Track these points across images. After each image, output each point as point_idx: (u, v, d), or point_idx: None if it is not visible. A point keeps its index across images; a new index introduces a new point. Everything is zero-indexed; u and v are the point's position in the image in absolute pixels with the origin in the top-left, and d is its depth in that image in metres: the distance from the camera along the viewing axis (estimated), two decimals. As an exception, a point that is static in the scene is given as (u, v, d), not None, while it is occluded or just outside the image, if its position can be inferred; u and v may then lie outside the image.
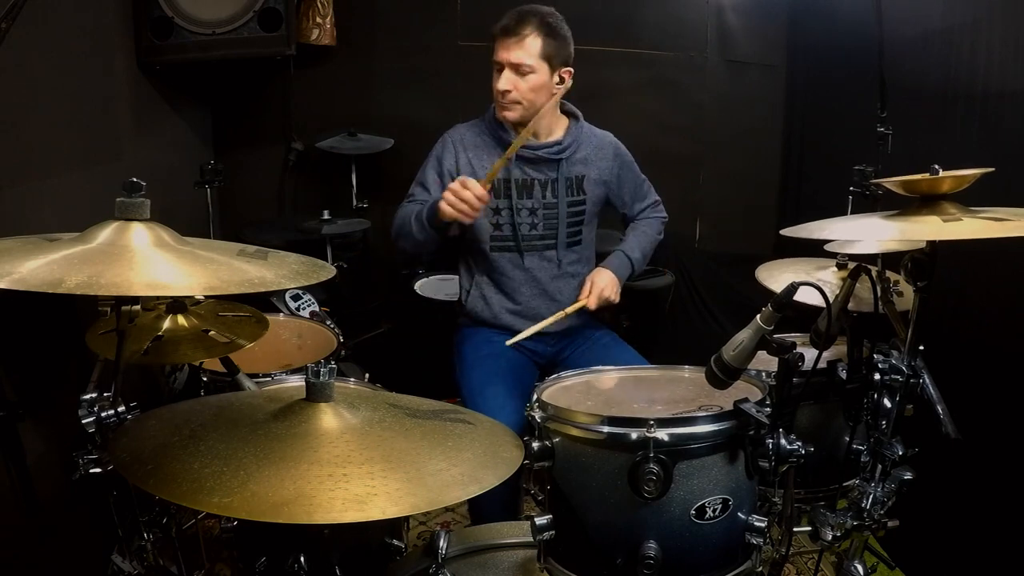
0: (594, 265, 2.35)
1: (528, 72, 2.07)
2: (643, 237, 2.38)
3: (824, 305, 1.39)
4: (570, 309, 2.15)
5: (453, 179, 2.13)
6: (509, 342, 2.08)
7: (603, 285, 2.18)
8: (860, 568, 1.60)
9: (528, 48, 2.05)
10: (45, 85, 2.06)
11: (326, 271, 1.26)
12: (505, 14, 2.11)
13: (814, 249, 2.02)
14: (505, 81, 2.07)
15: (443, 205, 1.96)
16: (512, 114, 2.12)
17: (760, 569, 1.39)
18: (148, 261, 1.09)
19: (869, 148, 2.22)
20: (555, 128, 2.22)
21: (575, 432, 1.34)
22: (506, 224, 2.17)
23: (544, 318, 2.21)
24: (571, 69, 2.15)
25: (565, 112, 2.27)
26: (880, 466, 1.51)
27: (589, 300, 2.16)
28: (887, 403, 1.50)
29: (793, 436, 1.28)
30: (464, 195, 1.93)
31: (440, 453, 1.15)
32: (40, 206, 2.03)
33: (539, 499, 1.47)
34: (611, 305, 2.23)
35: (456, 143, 2.19)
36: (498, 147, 2.17)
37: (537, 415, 1.40)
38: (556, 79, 2.12)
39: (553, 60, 2.09)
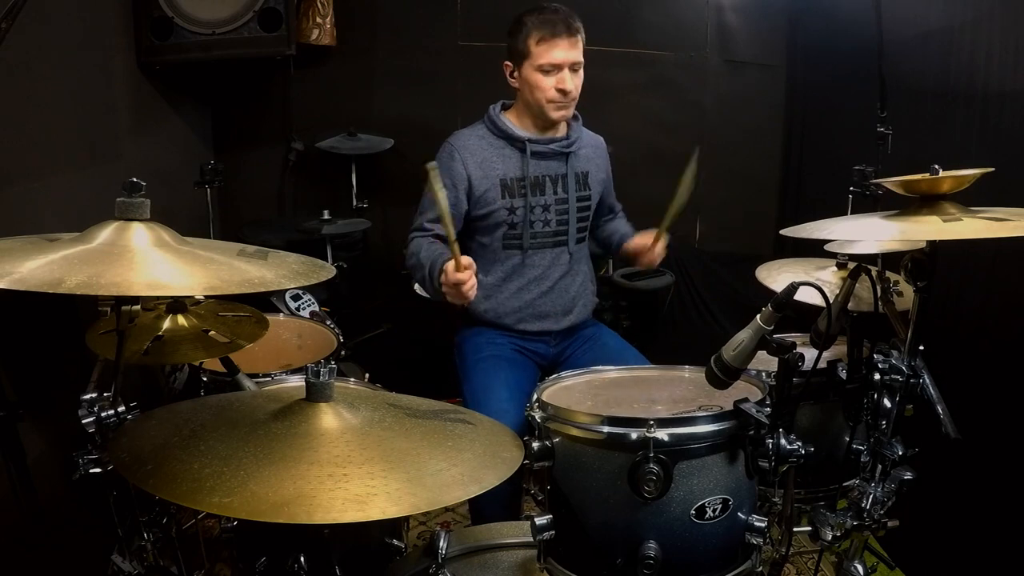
0: (591, 261, 2.38)
1: (580, 69, 2.12)
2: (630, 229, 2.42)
3: (824, 305, 1.39)
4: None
5: (468, 186, 2.13)
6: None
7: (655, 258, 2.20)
8: (860, 568, 1.60)
9: (580, 46, 2.10)
10: (45, 85, 2.06)
11: (326, 271, 1.26)
12: (539, 15, 2.08)
13: (814, 249, 2.02)
14: (571, 81, 2.09)
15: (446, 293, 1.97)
16: (567, 113, 2.16)
17: (760, 569, 1.39)
18: (148, 261, 1.09)
19: (869, 148, 2.22)
20: (559, 125, 2.23)
21: (575, 432, 1.34)
22: (520, 223, 2.17)
23: (549, 315, 2.22)
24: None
25: None
26: (880, 466, 1.51)
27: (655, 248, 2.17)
28: (887, 403, 1.50)
29: (793, 436, 1.28)
30: (451, 287, 1.91)
31: (440, 453, 1.15)
32: (40, 206, 2.03)
33: (539, 499, 1.47)
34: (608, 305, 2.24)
35: (461, 149, 2.16)
36: (506, 148, 2.17)
37: (537, 415, 1.40)
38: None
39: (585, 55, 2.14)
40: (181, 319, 1.54)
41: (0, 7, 1.29)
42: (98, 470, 1.22)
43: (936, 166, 1.41)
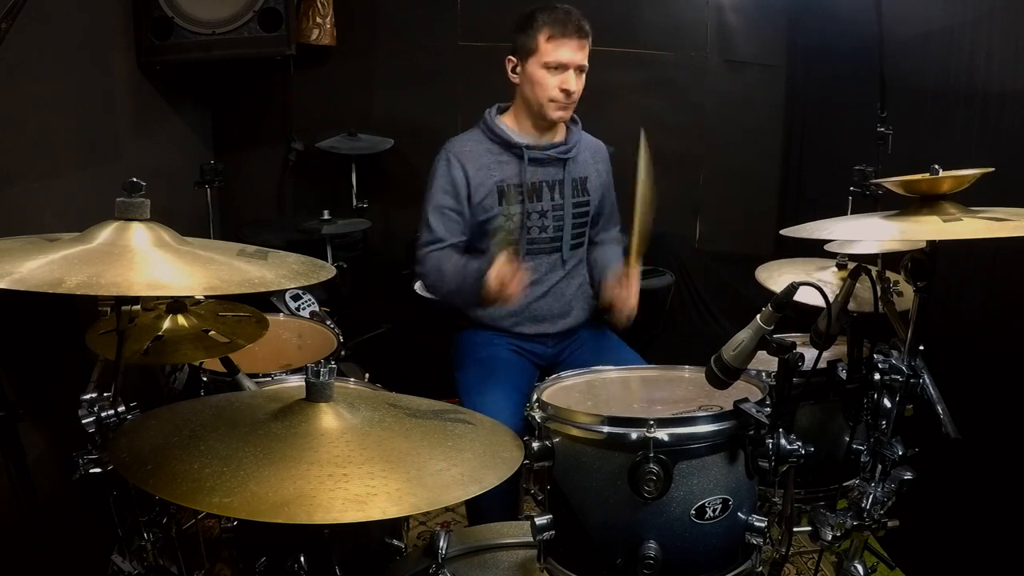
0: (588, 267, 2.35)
1: (583, 74, 2.11)
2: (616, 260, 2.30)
3: (824, 305, 1.39)
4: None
5: (468, 192, 2.11)
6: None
7: (632, 304, 2.12)
8: (860, 568, 1.60)
9: (587, 50, 2.10)
10: (45, 85, 2.05)
11: (326, 271, 1.26)
12: (552, 14, 2.06)
13: (814, 249, 2.02)
14: (575, 83, 2.08)
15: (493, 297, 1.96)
16: (566, 115, 2.14)
17: (760, 569, 1.39)
18: (148, 261, 1.08)
19: (869, 148, 2.22)
20: (558, 130, 2.23)
21: (575, 432, 1.34)
22: (516, 228, 2.17)
23: (546, 319, 2.21)
24: None
25: None
26: (880, 466, 1.51)
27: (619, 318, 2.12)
28: (887, 403, 1.50)
29: (793, 436, 1.28)
30: (507, 287, 1.93)
31: (440, 453, 1.15)
32: (40, 206, 2.02)
33: (539, 499, 1.46)
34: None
35: (460, 155, 2.15)
36: (504, 153, 2.15)
37: (537, 415, 1.40)
38: None
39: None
40: (181, 319, 1.54)
41: (0, 7, 1.29)
42: (98, 470, 1.22)
43: (936, 166, 1.41)
